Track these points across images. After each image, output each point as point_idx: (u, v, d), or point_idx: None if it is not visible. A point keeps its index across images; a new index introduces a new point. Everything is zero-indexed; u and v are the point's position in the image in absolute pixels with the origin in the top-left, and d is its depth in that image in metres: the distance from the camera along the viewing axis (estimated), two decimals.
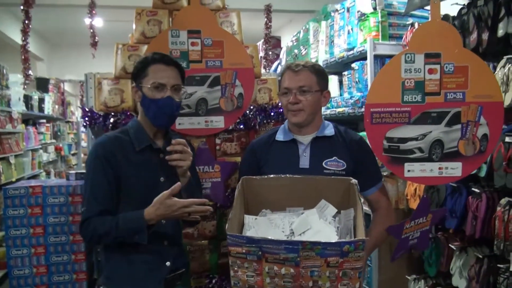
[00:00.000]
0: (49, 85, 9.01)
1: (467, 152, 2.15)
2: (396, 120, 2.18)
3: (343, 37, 4.36)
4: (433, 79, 2.16)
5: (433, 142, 2.16)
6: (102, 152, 1.95)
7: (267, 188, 1.97)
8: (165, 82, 1.95)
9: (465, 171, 2.17)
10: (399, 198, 3.87)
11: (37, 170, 7.76)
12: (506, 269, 2.78)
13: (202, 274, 2.69)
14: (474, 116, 2.14)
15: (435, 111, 2.17)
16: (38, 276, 2.56)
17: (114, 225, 1.85)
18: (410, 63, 2.18)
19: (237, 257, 1.60)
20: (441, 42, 2.17)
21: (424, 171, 2.18)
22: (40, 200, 2.56)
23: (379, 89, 2.22)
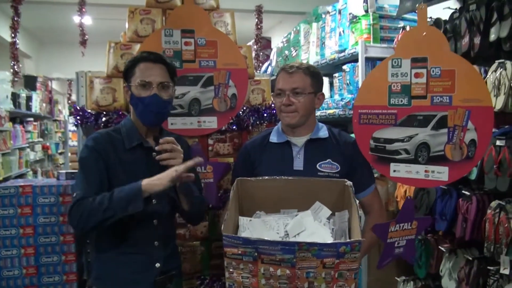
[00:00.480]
0: (37, 83, 8.92)
1: (454, 157, 2.12)
2: (383, 122, 2.21)
3: (334, 39, 4.37)
4: (419, 83, 2.17)
5: (419, 145, 2.17)
6: (95, 145, 1.94)
7: (261, 189, 1.96)
8: (151, 80, 1.94)
9: (451, 177, 2.14)
10: (389, 200, 3.89)
11: (24, 169, 7.68)
12: (496, 271, 2.80)
13: (193, 276, 2.68)
14: (461, 121, 2.11)
15: (421, 114, 2.17)
16: (27, 277, 2.52)
17: (108, 195, 1.80)
18: (396, 68, 2.19)
19: (233, 258, 1.59)
20: (428, 47, 2.17)
21: (410, 172, 2.19)
22: (30, 200, 2.53)
23: (367, 91, 2.26)
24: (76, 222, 1.83)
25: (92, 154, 1.92)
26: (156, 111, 1.97)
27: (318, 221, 1.84)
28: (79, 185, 1.89)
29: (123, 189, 1.81)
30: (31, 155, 8.52)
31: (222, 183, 2.71)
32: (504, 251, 2.65)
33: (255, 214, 1.96)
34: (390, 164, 2.21)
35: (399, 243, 2.21)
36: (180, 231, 2.63)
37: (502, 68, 2.76)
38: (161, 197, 1.99)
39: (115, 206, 1.78)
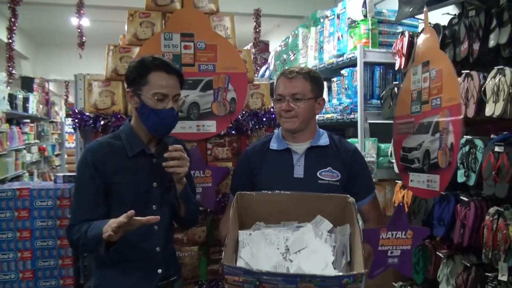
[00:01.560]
0: (33, 85, 8.89)
1: (442, 163, 2.15)
2: (407, 131, 2.25)
3: (333, 43, 4.37)
4: (425, 87, 2.22)
5: (424, 152, 2.17)
6: (91, 159, 1.92)
7: (262, 203, 1.93)
8: (168, 92, 1.91)
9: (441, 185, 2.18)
10: (387, 205, 3.89)
11: (20, 171, 7.65)
12: (494, 278, 2.79)
13: (191, 281, 2.66)
14: (446, 124, 2.16)
15: (426, 120, 2.20)
16: (24, 281, 2.51)
17: (84, 232, 1.83)
18: (415, 75, 2.26)
19: (234, 284, 1.58)
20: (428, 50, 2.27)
21: (419, 182, 2.21)
22: (27, 203, 2.51)
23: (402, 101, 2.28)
24: (70, 245, 1.99)
25: (87, 171, 1.92)
26: (171, 124, 1.96)
27: (319, 235, 1.82)
28: (72, 209, 1.99)
29: (95, 227, 1.80)
30: (28, 157, 8.48)
31: (220, 187, 2.70)
32: (502, 258, 2.64)
33: (255, 225, 1.94)
34: (409, 173, 2.22)
35: (392, 252, 2.14)
36: (178, 236, 2.62)
37: (501, 75, 2.76)
38: (163, 203, 1.99)
39: (88, 243, 1.83)
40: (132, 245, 1.92)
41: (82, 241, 1.82)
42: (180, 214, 2.01)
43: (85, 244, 1.82)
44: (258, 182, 2.16)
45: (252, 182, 2.18)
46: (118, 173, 1.91)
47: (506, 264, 2.64)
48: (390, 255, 2.12)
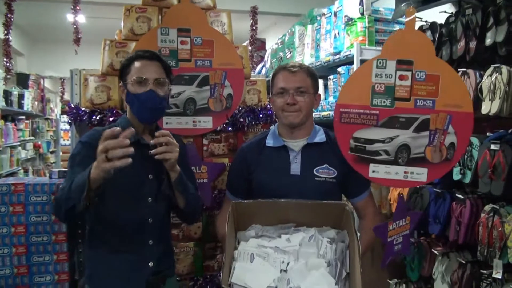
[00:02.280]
0: (29, 81, 8.85)
1: (434, 159, 2.20)
2: (364, 122, 2.23)
3: (329, 41, 4.37)
4: (404, 85, 2.21)
5: (399, 146, 2.21)
6: (89, 140, 1.91)
7: (258, 211, 1.93)
8: (147, 76, 1.93)
9: (430, 177, 2.23)
10: (382, 203, 3.89)
11: (15, 168, 7.62)
12: (489, 275, 2.80)
13: (186, 276, 2.66)
14: (442, 125, 2.19)
15: (403, 116, 2.21)
16: (19, 277, 2.49)
17: (68, 185, 1.74)
18: (381, 68, 2.22)
19: None
20: (414, 50, 2.22)
21: (389, 173, 2.23)
22: (22, 198, 2.50)
23: (350, 90, 2.26)
24: (55, 212, 1.92)
25: (83, 149, 1.90)
26: (152, 107, 1.94)
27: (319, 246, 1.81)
28: (65, 181, 1.87)
29: (78, 177, 1.72)
30: (23, 154, 8.45)
31: (216, 183, 2.69)
32: (497, 255, 2.65)
33: (251, 227, 1.94)
34: (369, 164, 2.23)
35: (397, 240, 2.25)
36: (174, 232, 2.62)
37: (497, 73, 2.77)
38: (158, 196, 1.98)
39: (73, 196, 1.71)
40: (124, 237, 1.91)
41: (65, 195, 1.73)
42: (179, 206, 2.00)
43: (69, 197, 1.71)
44: (254, 179, 2.15)
45: (248, 179, 2.18)
46: None
47: (501, 262, 2.65)
48: (396, 243, 2.21)
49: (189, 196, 1.98)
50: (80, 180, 1.68)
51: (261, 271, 1.68)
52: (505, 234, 2.62)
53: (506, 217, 2.66)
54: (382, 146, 2.20)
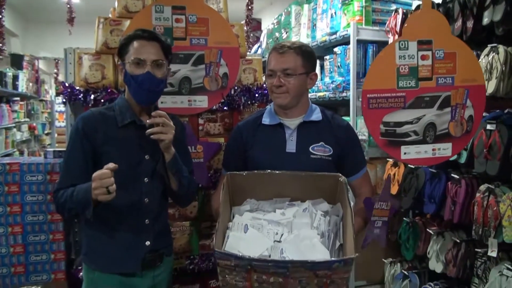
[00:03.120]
0: (23, 62, 8.78)
1: (456, 132, 2.29)
2: (392, 105, 2.25)
3: (326, 20, 4.34)
4: (426, 65, 2.26)
5: (426, 125, 2.27)
6: (82, 126, 1.92)
7: (253, 183, 1.93)
8: (145, 57, 1.90)
9: (454, 150, 2.33)
10: (378, 183, 3.91)
11: (10, 149, 7.59)
12: (483, 254, 2.83)
13: (182, 255, 2.66)
14: (462, 99, 2.28)
15: (427, 95, 2.27)
16: (15, 256, 2.49)
17: (70, 195, 1.84)
18: (404, 50, 2.25)
19: (225, 267, 1.58)
20: (432, 29, 2.26)
21: (419, 153, 2.29)
22: (18, 177, 2.48)
23: (375, 75, 2.27)
24: (57, 209, 1.97)
25: (77, 138, 1.93)
26: (149, 89, 1.93)
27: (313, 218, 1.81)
28: (61, 174, 1.99)
29: (81, 191, 1.80)
30: (18, 135, 8.42)
31: (212, 163, 2.69)
32: (492, 234, 2.67)
33: (246, 201, 1.94)
34: (400, 147, 2.28)
35: (377, 223, 2.23)
36: (170, 211, 2.61)
37: (494, 52, 2.76)
38: (154, 176, 1.98)
39: (76, 207, 1.83)
40: (121, 216, 1.91)
41: (68, 205, 1.84)
42: (172, 187, 2.00)
43: (72, 207, 1.84)
44: (250, 157, 2.15)
45: (244, 157, 2.17)
46: (108, 143, 1.90)
47: (496, 240, 2.67)
48: (376, 226, 2.17)
49: (183, 179, 1.98)
50: (82, 197, 1.79)
51: (254, 241, 1.69)
52: (500, 214, 2.63)
53: (501, 196, 2.68)
54: (411, 127, 2.25)
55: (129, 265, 1.96)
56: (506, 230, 2.60)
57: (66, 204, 1.85)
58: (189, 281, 2.73)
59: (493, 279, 2.72)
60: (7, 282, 2.50)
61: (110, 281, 1.94)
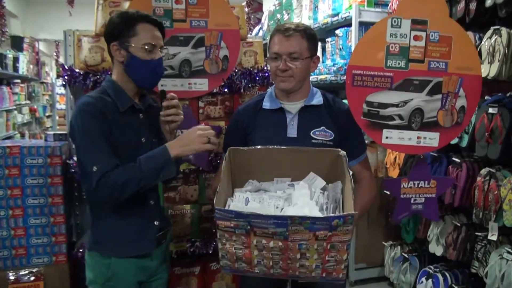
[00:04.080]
0: (23, 44, 8.73)
1: (445, 123, 2.16)
2: (378, 85, 2.15)
3: (328, 2, 4.29)
4: (418, 46, 2.14)
5: (413, 110, 2.16)
6: (96, 111, 1.84)
7: (254, 158, 1.93)
8: (156, 43, 1.90)
9: (441, 142, 2.19)
10: (378, 167, 3.91)
11: (11, 132, 7.59)
12: (484, 237, 2.84)
13: (183, 238, 2.68)
14: (454, 87, 2.15)
15: (417, 78, 2.15)
16: (16, 238, 2.51)
17: (137, 167, 1.78)
18: (396, 28, 2.14)
19: (225, 230, 1.57)
20: (428, 10, 2.14)
21: (402, 139, 2.18)
22: (18, 161, 2.49)
23: (363, 51, 2.17)
24: (109, 194, 1.77)
25: (95, 121, 1.82)
26: (161, 74, 1.97)
27: (312, 193, 1.82)
28: (96, 158, 1.78)
29: (151, 157, 1.81)
30: (19, 118, 8.41)
31: None
32: (493, 218, 2.68)
33: (248, 183, 1.94)
34: (382, 130, 2.18)
35: (415, 199, 2.24)
36: (170, 194, 2.63)
37: (497, 35, 2.73)
38: None
39: (148, 176, 1.79)
40: (128, 201, 1.91)
41: (138, 177, 1.77)
42: None
43: (144, 178, 1.79)
44: (251, 141, 2.14)
45: (245, 141, 2.16)
46: (114, 128, 1.86)
47: (496, 224, 2.68)
48: (414, 202, 2.20)
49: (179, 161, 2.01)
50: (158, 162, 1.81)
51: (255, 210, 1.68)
52: (501, 197, 2.63)
53: (502, 180, 2.67)
54: (396, 110, 2.14)
55: (145, 246, 1.98)
56: (507, 214, 2.60)
57: (132, 179, 1.77)
58: (189, 264, 2.75)
59: (493, 263, 2.73)
60: (8, 265, 2.53)
61: (127, 265, 1.94)
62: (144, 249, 1.98)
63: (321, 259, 1.59)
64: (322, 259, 1.59)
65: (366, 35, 2.24)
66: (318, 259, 1.59)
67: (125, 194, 1.79)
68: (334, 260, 1.60)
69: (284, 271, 1.63)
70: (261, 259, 1.61)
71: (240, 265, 1.65)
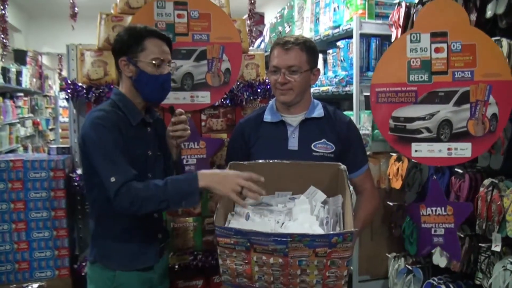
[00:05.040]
0: (26, 58, 8.78)
1: (477, 132, 2.16)
2: (403, 100, 2.17)
3: (329, 14, 4.31)
4: (440, 58, 2.16)
5: (441, 122, 2.16)
6: (111, 124, 1.85)
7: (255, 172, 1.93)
8: (165, 58, 1.92)
9: (475, 152, 2.18)
10: (381, 178, 3.89)
11: (14, 145, 7.61)
12: (487, 248, 2.82)
13: (186, 251, 2.67)
14: (483, 95, 2.14)
15: (442, 90, 2.16)
16: (19, 252, 2.51)
17: (162, 187, 1.75)
18: (415, 43, 2.17)
19: (225, 247, 1.58)
20: (447, 21, 2.15)
21: (432, 151, 2.18)
22: (21, 174, 2.50)
23: (384, 69, 2.20)
24: (128, 205, 1.75)
25: (111, 134, 1.83)
26: (168, 88, 1.98)
27: (313, 207, 1.82)
28: (112, 169, 1.77)
29: (178, 181, 1.78)
30: (22, 131, 8.44)
31: (215, 159, 2.69)
32: (496, 229, 2.66)
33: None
34: (411, 144, 2.18)
35: (436, 230, 2.20)
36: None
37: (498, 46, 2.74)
38: (156, 171, 2.01)
39: (170, 199, 1.76)
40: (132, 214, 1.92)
41: (161, 197, 1.75)
42: None
43: (165, 200, 1.76)
44: (252, 154, 2.14)
45: (247, 154, 2.17)
46: (127, 142, 1.87)
47: (499, 235, 2.66)
48: (434, 233, 2.16)
49: (183, 171, 2.04)
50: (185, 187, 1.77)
51: (256, 225, 1.68)
52: (504, 208, 2.62)
53: (505, 191, 2.66)
54: (423, 123, 2.15)
55: (150, 258, 1.99)
56: (510, 224, 2.59)
57: (153, 199, 1.76)
58: (192, 277, 2.74)
59: (497, 274, 2.71)
60: (11, 279, 2.52)
61: (131, 278, 1.95)
62: (149, 262, 1.99)
63: (321, 275, 1.59)
64: (323, 275, 1.59)
65: (386, 53, 2.26)
66: (318, 275, 1.59)
67: (143, 210, 1.77)
68: (335, 276, 1.60)
69: (284, 286, 1.63)
70: (262, 275, 1.61)
71: (241, 280, 1.65)
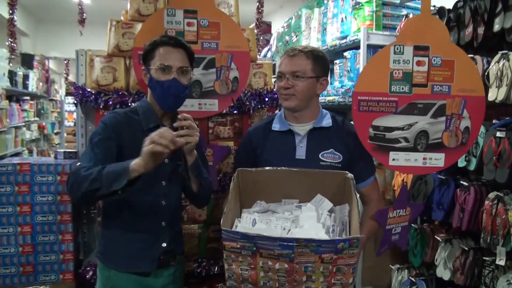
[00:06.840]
0: (33, 62, 8.84)
1: (450, 143, 2.22)
2: (383, 109, 2.21)
3: (336, 25, 4.33)
4: (421, 71, 2.21)
5: (418, 133, 2.22)
6: (112, 124, 1.93)
7: (262, 180, 1.95)
8: (171, 64, 1.94)
9: (447, 162, 2.25)
10: (386, 189, 3.89)
11: (19, 148, 7.63)
12: (491, 262, 2.81)
13: (190, 258, 2.67)
14: (458, 109, 2.21)
15: (421, 102, 2.22)
16: (24, 255, 2.52)
17: (99, 168, 1.75)
18: (399, 54, 2.21)
19: (231, 251, 1.59)
20: (430, 36, 2.22)
21: (408, 160, 2.24)
22: (28, 178, 2.51)
23: (367, 78, 2.24)
24: (70, 189, 1.79)
25: (105, 131, 1.92)
26: (175, 95, 1.97)
27: (320, 215, 1.83)
28: (83, 156, 1.88)
29: (114, 165, 1.77)
30: (27, 134, 8.47)
31: (221, 166, 2.70)
32: (500, 242, 2.66)
33: (256, 204, 1.95)
34: (389, 152, 2.23)
35: (395, 230, 2.26)
36: None
37: (505, 59, 2.74)
38: (171, 179, 2.01)
39: (102, 179, 1.72)
40: (139, 218, 1.93)
41: (92, 176, 1.73)
42: (193, 189, 2.02)
43: (96, 179, 1.72)
44: (260, 163, 2.15)
45: (254, 162, 2.18)
46: (133, 146, 1.88)
47: (504, 249, 2.66)
48: (394, 232, 2.21)
49: (203, 180, 2.01)
50: (118, 168, 1.73)
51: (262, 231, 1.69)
52: (509, 222, 2.62)
53: (510, 204, 2.66)
54: (402, 133, 2.20)
55: (145, 264, 2.00)
56: None
57: (88, 178, 1.73)
58: (197, 284, 2.74)
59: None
60: (15, 282, 2.53)
61: (125, 280, 1.97)
62: (144, 268, 1.99)
63: (327, 282, 1.59)
64: (328, 282, 1.59)
65: (370, 62, 2.30)
66: (324, 281, 1.59)
67: (78, 193, 1.75)
68: (340, 283, 1.60)
69: None
70: (267, 280, 1.62)
71: (246, 286, 1.66)
